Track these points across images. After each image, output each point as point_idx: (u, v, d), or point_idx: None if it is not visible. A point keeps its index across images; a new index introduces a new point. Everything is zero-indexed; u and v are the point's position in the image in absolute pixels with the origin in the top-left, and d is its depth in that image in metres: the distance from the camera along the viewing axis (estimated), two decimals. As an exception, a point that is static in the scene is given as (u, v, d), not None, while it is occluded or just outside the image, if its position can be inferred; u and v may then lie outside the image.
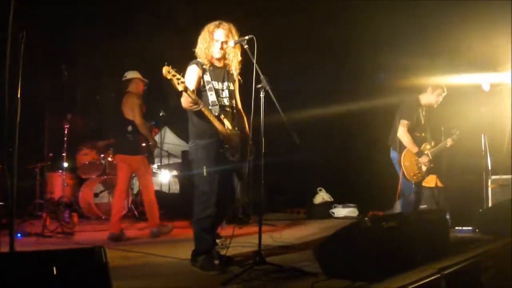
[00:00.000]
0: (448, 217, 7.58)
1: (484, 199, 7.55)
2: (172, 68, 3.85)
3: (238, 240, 5.74)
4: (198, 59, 4.40)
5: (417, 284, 3.53)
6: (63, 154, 8.10)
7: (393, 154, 6.55)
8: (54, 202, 7.91)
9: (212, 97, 4.30)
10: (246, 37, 4.23)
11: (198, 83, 4.32)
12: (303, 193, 10.28)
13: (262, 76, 4.16)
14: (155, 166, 10.53)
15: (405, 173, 6.31)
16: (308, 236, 6.43)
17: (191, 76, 4.30)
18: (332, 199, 9.97)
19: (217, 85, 4.41)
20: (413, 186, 6.35)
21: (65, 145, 8.06)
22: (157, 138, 10.20)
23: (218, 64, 4.50)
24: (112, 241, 6.24)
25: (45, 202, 7.85)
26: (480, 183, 7.63)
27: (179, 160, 10.64)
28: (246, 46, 4.21)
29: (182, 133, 12.16)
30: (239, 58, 4.51)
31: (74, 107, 9.66)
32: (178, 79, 3.86)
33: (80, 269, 2.09)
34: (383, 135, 7.10)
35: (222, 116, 4.29)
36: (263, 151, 4.21)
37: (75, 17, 9.17)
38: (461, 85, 8.13)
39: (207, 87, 4.32)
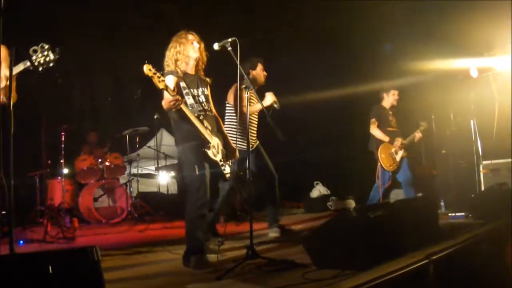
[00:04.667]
0: (442, 203, 7.78)
1: (476, 184, 7.67)
2: (153, 67, 3.96)
3: (236, 237, 5.95)
4: (171, 69, 4.50)
5: (404, 271, 3.63)
6: (61, 161, 8.25)
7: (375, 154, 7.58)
8: (54, 208, 8.01)
9: (189, 100, 4.39)
10: (229, 40, 4.33)
11: (177, 88, 4.38)
12: (301, 188, 10.40)
13: (245, 77, 4.28)
14: (152, 167, 10.67)
15: (382, 164, 7.45)
16: (304, 230, 6.54)
17: (169, 82, 4.33)
18: (329, 192, 10.10)
19: (194, 91, 4.51)
20: (390, 175, 7.48)
21: (62, 152, 8.22)
22: (153, 140, 10.36)
23: (190, 71, 4.60)
24: None
25: (46, 209, 7.94)
26: (472, 168, 7.76)
27: (176, 161, 10.76)
28: (229, 49, 4.32)
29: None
30: (205, 62, 4.69)
31: (70, 114, 9.78)
32: (158, 77, 3.97)
33: (74, 268, 2.22)
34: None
35: (201, 117, 4.38)
36: (249, 149, 4.36)
37: (67, 22, 9.23)
38: (449, 71, 8.27)
39: (183, 92, 4.40)
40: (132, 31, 9.73)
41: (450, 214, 7.05)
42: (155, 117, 9.05)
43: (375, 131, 7.60)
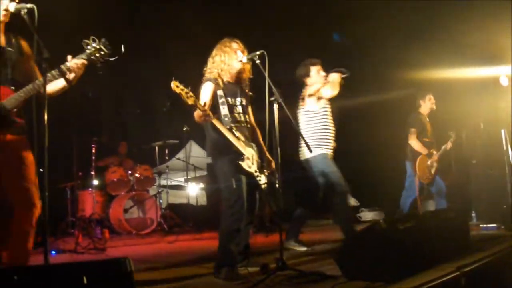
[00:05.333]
0: (473, 214, 7.68)
1: (509, 195, 7.55)
2: (180, 83, 3.96)
3: (265, 248, 5.92)
4: (211, 77, 4.49)
5: (435, 283, 3.59)
6: (92, 173, 8.40)
7: (407, 164, 7.56)
8: (85, 219, 8.15)
9: (224, 110, 4.37)
10: (258, 52, 4.32)
11: (212, 98, 4.39)
12: (329, 199, 10.32)
13: (274, 89, 4.30)
14: (182, 179, 10.75)
15: (420, 177, 7.32)
16: (333, 241, 6.52)
17: (206, 92, 4.38)
18: (358, 203, 10.05)
19: (231, 100, 4.48)
20: (424, 187, 7.51)
21: (93, 164, 8.37)
22: (183, 152, 10.44)
23: (231, 80, 4.58)
24: None
25: (77, 220, 8.08)
26: (503, 178, 7.64)
27: (205, 173, 10.82)
28: (258, 61, 4.34)
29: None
30: (250, 73, 4.65)
31: (100, 126, 9.92)
32: (186, 93, 3.97)
33: (107, 279, 2.27)
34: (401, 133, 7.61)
35: (234, 128, 4.36)
36: (279, 161, 4.37)
37: (95, 35, 9.34)
38: (479, 80, 8.20)
39: (219, 101, 4.38)
40: (161, 43, 9.83)
41: (481, 225, 6.96)
42: (184, 129, 9.14)
43: (413, 141, 7.44)
